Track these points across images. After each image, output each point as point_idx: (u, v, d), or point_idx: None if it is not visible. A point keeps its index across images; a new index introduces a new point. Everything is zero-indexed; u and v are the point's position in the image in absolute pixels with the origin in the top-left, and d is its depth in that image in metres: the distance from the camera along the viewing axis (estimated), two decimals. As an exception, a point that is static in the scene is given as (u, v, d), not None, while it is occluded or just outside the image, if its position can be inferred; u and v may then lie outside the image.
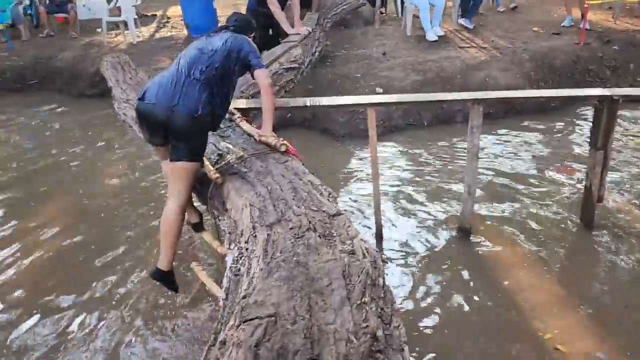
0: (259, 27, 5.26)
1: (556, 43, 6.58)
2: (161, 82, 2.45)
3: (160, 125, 2.41)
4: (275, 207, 2.00)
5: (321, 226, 1.82)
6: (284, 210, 1.96)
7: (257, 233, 1.83)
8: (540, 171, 4.46)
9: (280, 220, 1.88)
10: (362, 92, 5.76)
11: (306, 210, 1.95)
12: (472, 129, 3.39)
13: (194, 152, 2.45)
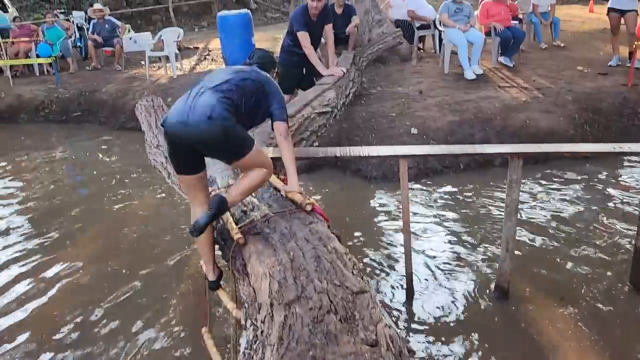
0: (293, 66, 5.28)
1: (602, 84, 6.34)
2: (177, 104, 2.39)
3: (185, 143, 2.31)
4: (295, 279, 1.89)
5: (343, 307, 1.71)
6: (304, 284, 1.85)
7: (275, 312, 1.73)
8: (585, 225, 4.20)
9: (300, 297, 1.77)
10: (397, 132, 5.66)
11: (328, 285, 1.83)
12: (511, 183, 3.22)
13: (238, 149, 2.33)
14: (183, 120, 2.27)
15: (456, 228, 4.28)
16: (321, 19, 5.28)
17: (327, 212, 4.46)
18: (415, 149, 3.30)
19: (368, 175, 5.29)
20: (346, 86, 5.09)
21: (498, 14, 7.30)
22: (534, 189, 4.86)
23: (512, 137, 5.48)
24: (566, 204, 4.55)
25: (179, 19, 14.64)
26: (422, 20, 8.18)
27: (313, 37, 5.25)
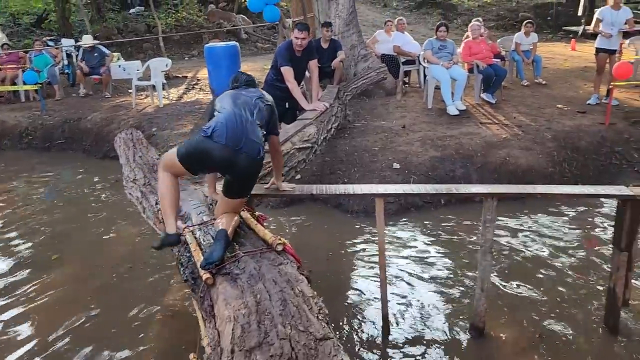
0: (276, 100, 5.33)
1: (581, 122, 6.46)
2: (228, 122, 2.55)
3: (224, 164, 2.55)
4: (259, 324, 1.87)
5: (304, 354, 1.68)
6: (268, 330, 1.83)
7: (235, 359, 1.70)
8: (561, 265, 4.21)
9: (262, 343, 1.75)
10: (379, 166, 5.70)
11: (292, 330, 1.81)
12: (485, 223, 3.24)
13: (249, 190, 2.77)
14: (236, 147, 2.51)
15: (434, 265, 4.27)
16: (305, 54, 5.36)
17: (306, 247, 4.46)
18: (391, 188, 3.32)
19: (349, 210, 5.30)
20: (328, 121, 5.13)
21: (480, 52, 7.47)
22: (510, 226, 4.88)
23: (492, 173, 5.54)
24: (543, 243, 4.57)
25: (169, 47, 14.76)
26: (408, 55, 8.33)
27: (297, 72, 5.32)
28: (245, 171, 2.59)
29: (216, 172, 2.96)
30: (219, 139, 2.48)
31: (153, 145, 6.53)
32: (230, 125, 2.53)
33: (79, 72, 9.59)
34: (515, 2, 19.92)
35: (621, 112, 6.78)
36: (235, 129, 2.53)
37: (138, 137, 4.05)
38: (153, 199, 3.27)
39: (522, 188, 3.33)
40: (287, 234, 4.92)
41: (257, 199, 3.64)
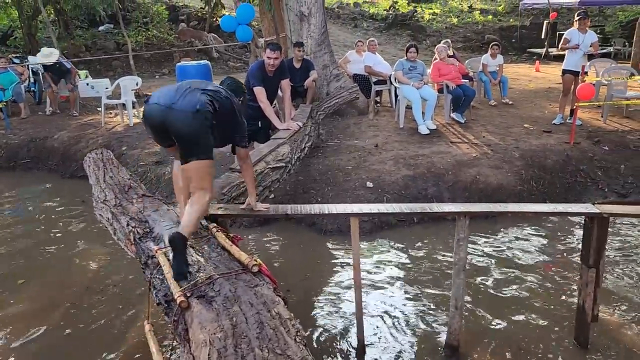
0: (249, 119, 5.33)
1: (547, 141, 6.64)
2: (164, 89, 2.73)
3: (162, 125, 2.59)
4: (236, 348, 1.84)
5: (282, 378, 1.66)
6: (244, 354, 1.80)
7: (211, 385, 1.66)
8: (532, 282, 4.29)
9: (239, 368, 1.71)
10: (353, 185, 5.72)
11: (269, 354, 1.79)
12: (458, 241, 3.28)
13: (201, 151, 2.60)
14: (169, 104, 2.57)
15: (409, 284, 4.28)
16: (277, 73, 5.39)
17: (280, 267, 4.43)
18: (366, 207, 3.33)
19: (323, 229, 5.28)
20: (302, 140, 5.15)
21: (449, 73, 7.64)
22: (482, 243, 4.95)
23: (463, 191, 5.62)
24: (514, 260, 4.64)
25: (139, 65, 14.63)
26: (379, 75, 8.46)
27: (269, 91, 5.34)
28: (181, 126, 2.54)
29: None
30: (152, 100, 2.68)
31: (123, 165, 6.43)
32: (165, 90, 2.71)
33: (49, 91, 9.35)
34: (482, 25, 20.52)
35: (585, 132, 7.00)
36: (169, 91, 2.67)
37: (108, 157, 3.98)
38: (124, 219, 3.20)
39: (493, 207, 3.39)
40: (262, 254, 4.88)
41: (231, 219, 3.61)
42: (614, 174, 6.14)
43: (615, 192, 5.94)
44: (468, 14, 22.10)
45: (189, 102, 2.56)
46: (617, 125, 7.35)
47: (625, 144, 6.63)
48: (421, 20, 20.79)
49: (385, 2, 23.49)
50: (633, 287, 4.14)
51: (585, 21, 7.19)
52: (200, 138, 2.58)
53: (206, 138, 2.61)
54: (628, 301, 3.95)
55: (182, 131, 2.57)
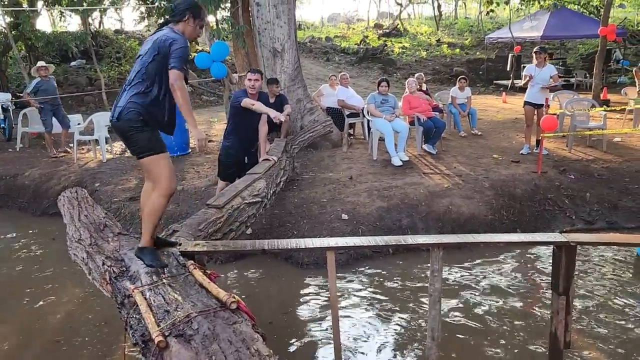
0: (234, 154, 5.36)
1: (515, 171, 6.84)
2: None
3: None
4: (216, 387, 1.84)
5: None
6: (225, 393, 1.80)
7: None
8: (506, 310, 4.37)
9: (219, 408, 1.71)
10: (328, 217, 5.78)
11: (249, 392, 1.79)
12: (433, 272, 3.34)
13: (138, 151, 2.91)
14: (111, 114, 2.94)
15: (386, 315, 4.31)
16: (261, 100, 5.43)
17: (257, 303, 4.41)
18: (342, 241, 3.38)
19: (300, 262, 5.30)
20: (277, 174, 5.21)
21: (420, 106, 7.86)
22: (458, 273, 5.04)
23: (437, 222, 5.73)
24: (490, 289, 4.73)
25: (112, 100, 14.56)
26: (351, 109, 8.63)
27: (251, 121, 5.34)
28: (117, 132, 2.99)
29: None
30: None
31: (96, 201, 6.36)
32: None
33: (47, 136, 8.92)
34: (450, 58, 21.18)
35: (551, 161, 7.24)
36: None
37: (83, 196, 3.96)
38: (100, 259, 3.17)
39: (465, 238, 3.48)
40: (240, 290, 4.86)
41: (208, 255, 3.61)
42: (581, 202, 6.35)
43: (582, 219, 6.13)
44: (436, 47, 22.82)
45: (114, 112, 2.91)
46: (581, 154, 7.63)
47: (590, 173, 6.88)
48: (391, 53, 21.36)
49: (356, 36, 24.10)
50: (603, 312, 4.25)
51: (540, 56, 7.51)
52: (129, 141, 2.93)
53: (136, 139, 2.88)
54: (599, 326, 4.05)
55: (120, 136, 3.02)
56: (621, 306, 4.32)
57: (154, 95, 2.87)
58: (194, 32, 3.10)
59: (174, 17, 3.04)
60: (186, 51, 2.87)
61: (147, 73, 2.87)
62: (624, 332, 3.94)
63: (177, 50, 2.83)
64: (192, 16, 3.03)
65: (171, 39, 2.87)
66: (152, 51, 2.88)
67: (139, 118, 2.83)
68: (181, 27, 3.02)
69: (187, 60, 2.93)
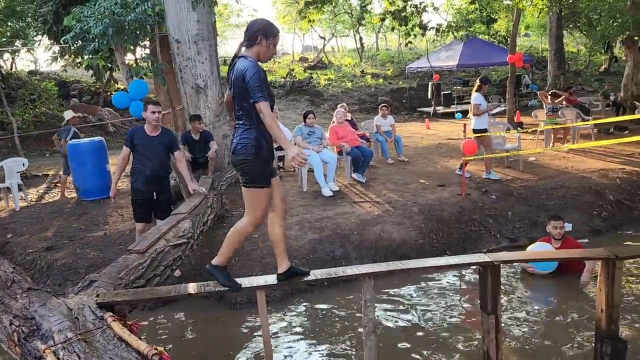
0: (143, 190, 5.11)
1: (442, 195, 7.04)
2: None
3: None
4: None
5: None
6: None
7: None
8: (439, 332, 4.41)
9: None
10: (260, 253, 5.65)
11: None
12: (366, 303, 3.32)
13: (248, 181, 3.11)
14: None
15: (323, 348, 4.23)
16: (163, 140, 5.19)
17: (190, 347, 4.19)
18: (271, 278, 3.29)
19: (233, 302, 5.12)
20: (204, 213, 5.05)
21: (346, 135, 7.98)
22: (392, 300, 5.05)
23: (369, 250, 5.75)
24: (424, 313, 4.77)
25: (27, 144, 13.81)
26: (279, 142, 8.61)
27: (150, 156, 5.06)
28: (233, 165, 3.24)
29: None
30: None
31: (9, 254, 5.90)
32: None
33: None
34: (374, 87, 21.86)
35: (474, 183, 7.53)
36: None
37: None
38: (7, 319, 2.89)
39: (395, 265, 3.48)
40: (171, 336, 4.61)
41: (130, 305, 3.40)
42: (503, 221, 6.61)
43: (506, 237, 6.37)
44: (361, 78, 23.52)
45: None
46: (501, 175, 7.99)
47: (510, 192, 7.21)
48: (318, 85, 21.76)
49: (282, 70, 24.39)
50: (531, 328, 4.38)
51: (486, 86, 8.01)
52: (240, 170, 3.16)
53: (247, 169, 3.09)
54: (528, 343, 4.16)
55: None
56: (542, 320, 4.48)
57: (261, 126, 2.99)
58: (268, 53, 3.10)
59: (247, 43, 3.05)
60: (259, 75, 2.90)
61: (242, 109, 3.01)
62: (549, 346, 4.07)
63: (251, 80, 2.88)
64: (264, 37, 3.03)
65: (243, 71, 2.92)
66: (238, 90, 2.98)
67: (252, 151, 2.99)
68: (255, 50, 3.04)
69: (266, 81, 2.97)
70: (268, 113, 2.87)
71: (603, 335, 3.55)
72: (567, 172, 8.05)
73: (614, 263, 3.44)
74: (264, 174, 3.09)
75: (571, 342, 4.12)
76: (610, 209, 6.93)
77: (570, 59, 26.84)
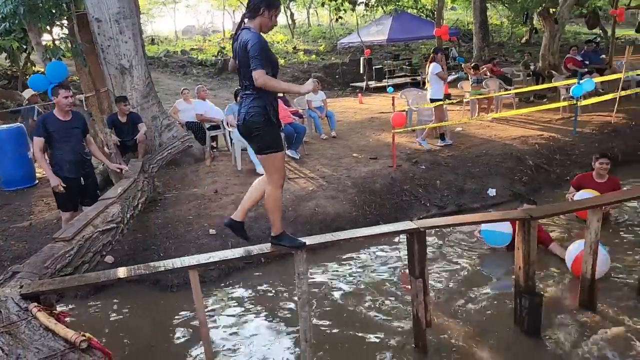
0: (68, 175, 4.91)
1: (374, 167, 7.22)
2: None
3: None
4: None
5: None
6: None
7: None
8: (374, 298, 4.59)
9: None
10: (195, 235, 5.62)
11: None
12: (298, 275, 3.40)
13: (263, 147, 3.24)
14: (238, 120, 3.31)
15: (262, 325, 4.30)
16: (75, 124, 5.02)
17: (124, 335, 4.15)
18: (203, 257, 3.30)
19: (170, 285, 5.07)
20: (134, 197, 4.94)
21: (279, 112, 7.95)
22: (327, 273, 5.18)
23: (304, 225, 5.84)
24: (357, 282, 4.94)
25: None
26: (211, 121, 8.50)
27: (66, 140, 4.91)
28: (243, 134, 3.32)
29: None
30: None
31: None
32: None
33: None
34: (307, 64, 21.81)
35: (404, 155, 7.76)
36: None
37: None
38: None
39: (325, 237, 3.59)
40: (106, 324, 4.53)
41: (57, 294, 3.32)
42: (432, 190, 6.89)
43: (435, 205, 6.65)
44: (293, 54, 23.36)
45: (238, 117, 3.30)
46: (430, 145, 8.27)
47: (438, 162, 7.49)
48: (250, 63, 21.43)
49: (213, 48, 23.84)
50: (457, 291, 4.65)
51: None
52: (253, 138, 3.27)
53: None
54: (454, 305, 4.41)
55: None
56: (471, 283, 4.75)
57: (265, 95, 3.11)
58: (270, 23, 3.19)
59: (249, 14, 3.14)
60: (260, 45, 3.00)
61: (248, 79, 3.06)
62: (477, 308, 4.34)
63: (252, 49, 2.98)
64: (266, 8, 3.12)
65: (246, 41, 3.03)
66: (242, 61, 3.07)
67: (262, 119, 3.11)
68: (257, 22, 3.13)
69: (267, 51, 3.05)
70: (262, 78, 2.97)
71: (522, 291, 3.83)
72: (491, 140, 8.46)
73: (529, 223, 3.70)
74: (277, 138, 3.27)
75: (496, 300, 4.41)
76: (530, 173, 7.37)
77: (494, 31, 27.86)
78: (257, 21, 3.12)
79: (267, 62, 3.01)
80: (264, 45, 3.02)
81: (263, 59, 2.98)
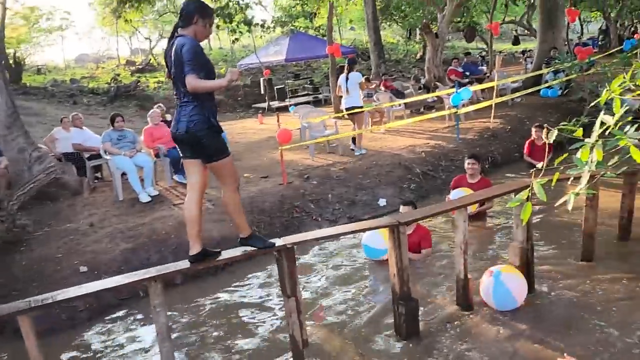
0: None
1: (264, 186, 7.04)
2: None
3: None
4: None
5: None
6: None
7: None
8: (256, 320, 4.36)
9: None
10: (65, 274, 5.14)
11: None
12: (155, 308, 3.11)
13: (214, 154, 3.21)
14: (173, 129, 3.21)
15: None
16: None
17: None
18: (40, 299, 2.91)
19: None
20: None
21: (163, 136, 7.59)
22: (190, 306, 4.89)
23: (187, 252, 5.49)
24: (229, 306, 4.69)
25: None
26: (90, 150, 7.93)
27: None
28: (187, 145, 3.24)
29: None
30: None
31: None
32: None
33: None
34: (208, 88, 21.37)
35: (296, 171, 7.65)
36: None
37: None
38: None
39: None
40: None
41: None
42: (324, 204, 6.81)
43: (327, 219, 6.56)
44: (194, 79, 22.83)
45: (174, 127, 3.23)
46: (323, 161, 8.25)
47: (329, 176, 7.45)
48: (147, 89, 20.68)
49: (107, 75, 22.80)
50: (339, 305, 4.53)
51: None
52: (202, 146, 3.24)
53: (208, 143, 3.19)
54: (335, 320, 4.27)
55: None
56: (348, 297, 4.65)
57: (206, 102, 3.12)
58: (205, 32, 3.18)
59: (182, 23, 3.11)
60: (194, 50, 2.98)
61: (186, 87, 2.99)
62: (353, 321, 4.21)
63: (185, 54, 2.96)
64: (200, 17, 3.10)
65: (180, 46, 3.00)
66: (180, 69, 3.00)
67: (206, 127, 3.07)
68: (192, 30, 3.10)
69: (202, 56, 3.04)
70: (192, 83, 2.94)
71: (398, 297, 3.77)
72: (382, 151, 8.60)
73: (398, 229, 3.65)
74: (223, 142, 3.25)
75: (378, 310, 4.32)
76: (418, 180, 7.53)
77: (391, 49, 29.02)
78: (191, 29, 3.11)
79: (200, 68, 3.00)
80: (198, 50, 3.03)
81: (196, 64, 2.97)
